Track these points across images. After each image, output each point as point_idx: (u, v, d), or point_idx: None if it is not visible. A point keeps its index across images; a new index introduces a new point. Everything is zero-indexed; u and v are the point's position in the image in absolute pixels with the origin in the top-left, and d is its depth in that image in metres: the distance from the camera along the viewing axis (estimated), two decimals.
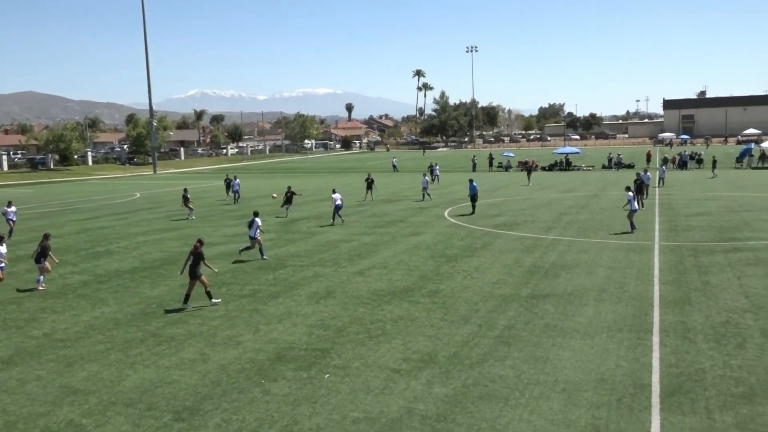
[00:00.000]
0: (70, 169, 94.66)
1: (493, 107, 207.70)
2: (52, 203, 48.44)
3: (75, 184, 73.36)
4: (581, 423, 9.41)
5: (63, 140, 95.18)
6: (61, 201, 50.32)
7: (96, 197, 52.58)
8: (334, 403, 10.41)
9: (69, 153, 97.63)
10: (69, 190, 61.95)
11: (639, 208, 30.81)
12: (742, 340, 12.72)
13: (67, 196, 54.52)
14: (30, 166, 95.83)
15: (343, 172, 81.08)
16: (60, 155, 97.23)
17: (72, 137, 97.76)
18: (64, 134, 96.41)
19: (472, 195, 33.95)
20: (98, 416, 10.23)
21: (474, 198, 34.07)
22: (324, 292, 17.75)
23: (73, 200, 50.68)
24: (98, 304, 17.42)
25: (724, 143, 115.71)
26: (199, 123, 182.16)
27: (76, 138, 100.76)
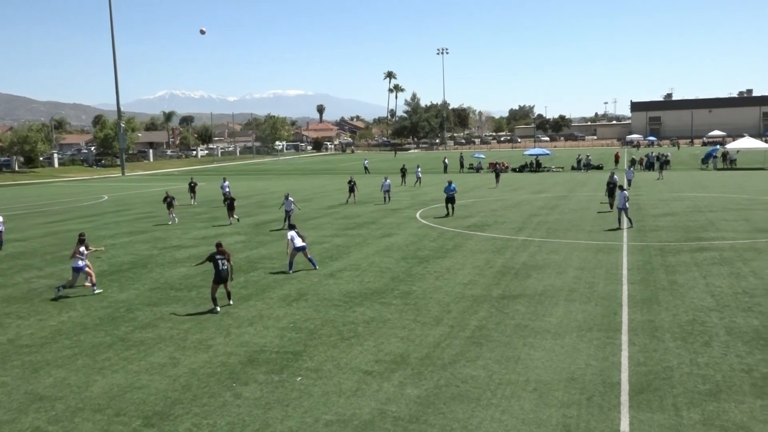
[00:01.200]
0: (35, 171, 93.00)
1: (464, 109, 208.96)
2: (17, 206, 47.48)
3: (41, 186, 72.05)
4: (552, 422, 9.49)
5: (28, 142, 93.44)
6: (26, 204, 49.36)
7: (62, 200, 51.70)
8: (307, 406, 10.36)
9: (34, 155, 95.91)
10: (35, 193, 60.81)
11: (612, 209, 31.25)
12: (708, 339, 12.95)
13: (32, 199, 53.51)
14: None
15: (314, 173, 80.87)
16: (25, 157, 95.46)
17: (37, 139, 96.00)
18: (30, 136, 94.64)
19: (450, 196, 32.74)
20: (65, 423, 10.04)
21: (450, 200, 32.81)
22: (296, 295, 17.66)
23: (39, 203, 49.76)
24: (65, 308, 17.11)
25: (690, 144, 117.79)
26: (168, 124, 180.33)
27: (42, 139, 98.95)
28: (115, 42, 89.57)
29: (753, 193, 39.98)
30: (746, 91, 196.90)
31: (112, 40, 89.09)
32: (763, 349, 12.23)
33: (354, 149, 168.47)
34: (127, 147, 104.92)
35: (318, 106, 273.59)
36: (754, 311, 14.69)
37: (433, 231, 28.30)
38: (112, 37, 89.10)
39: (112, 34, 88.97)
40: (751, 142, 71.53)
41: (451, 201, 32.75)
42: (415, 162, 72.36)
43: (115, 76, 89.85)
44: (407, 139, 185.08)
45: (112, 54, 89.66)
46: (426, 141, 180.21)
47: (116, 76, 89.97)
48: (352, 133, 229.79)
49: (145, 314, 16.24)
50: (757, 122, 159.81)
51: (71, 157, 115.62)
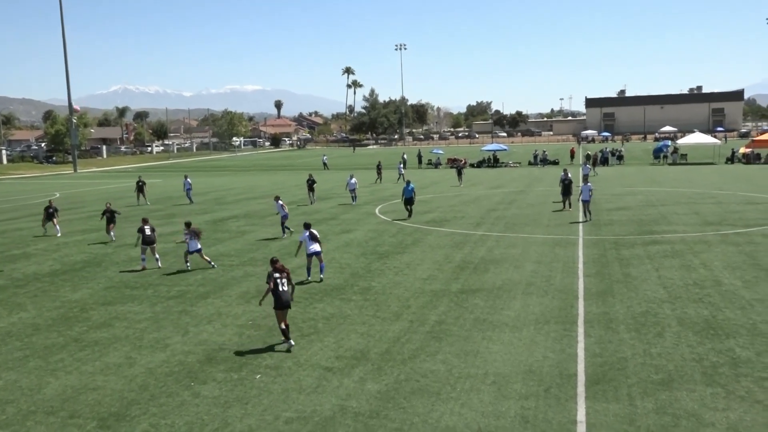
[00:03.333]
0: None
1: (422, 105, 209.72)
2: None
3: None
4: (511, 414, 9.61)
5: None
6: None
7: (12, 197, 50.26)
8: (266, 404, 10.29)
9: None
10: None
11: (566, 208, 31.60)
12: (660, 329, 13.27)
13: None
14: None
15: (273, 170, 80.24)
16: None
17: None
18: None
19: (408, 198, 30.53)
20: (17, 426, 9.78)
21: (409, 201, 30.55)
22: (255, 292, 17.50)
23: None
24: (15, 309, 16.64)
25: (643, 140, 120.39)
26: (122, 120, 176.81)
27: None
28: (65, 34, 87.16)
29: (703, 187, 41.10)
30: (696, 88, 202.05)
31: (62, 32, 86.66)
32: (712, 339, 12.59)
33: (298, 144, 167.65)
34: (80, 143, 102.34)
35: (276, 101, 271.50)
36: (704, 302, 15.11)
37: (392, 227, 28.36)
38: (63, 29, 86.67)
39: (62, 26, 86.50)
40: (701, 138, 73.50)
41: (409, 203, 30.67)
42: (378, 158, 72.18)
43: (66, 70, 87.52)
44: (366, 135, 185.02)
45: (62, 47, 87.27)
46: (385, 137, 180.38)
47: (67, 70, 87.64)
48: (310, 128, 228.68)
49: (100, 314, 15.90)
50: (707, 118, 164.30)
51: (21, 153, 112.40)
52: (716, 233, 24.06)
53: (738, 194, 36.61)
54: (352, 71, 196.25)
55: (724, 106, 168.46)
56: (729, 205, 31.84)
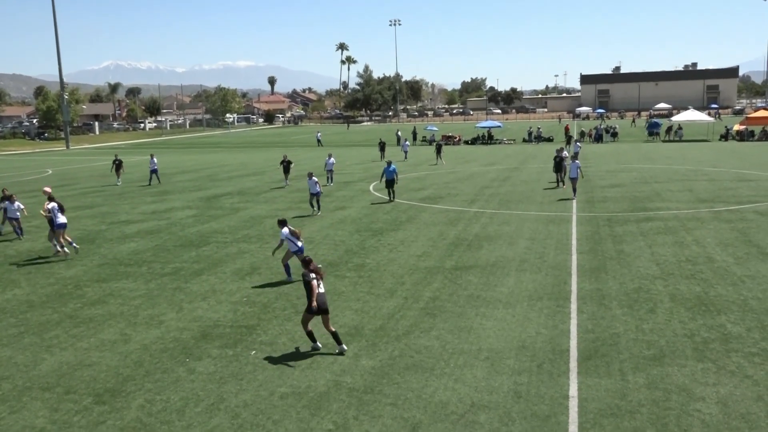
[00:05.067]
0: None
1: (416, 81, 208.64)
2: None
3: None
4: (504, 389, 9.71)
5: None
6: None
7: (4, 174, 49.94)
8: (261, 380, 10.35)
9: None
10: None
11: (559, 186, 31.63)
12: (653, 305, 13.37)
13: None
14: None
15: (266, 146, 79.89)
16: None
17: None
18: None
19: (389, 180, 28.69)
20: (13, 402, 9.82)
21: (390, 183, 28.76)
22: (249, 269, 17.53)
23: None
24: (9, 285, 16.63)
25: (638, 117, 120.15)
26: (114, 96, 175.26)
27: None
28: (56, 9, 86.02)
29: (696, 164, 41.16)
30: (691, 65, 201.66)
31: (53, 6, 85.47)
32: (704, 315, 12.70)
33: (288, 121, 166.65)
34: (72, 119, 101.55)
35: (269, 77, 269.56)
36: (697, 278, 15.22)
37: (386, 204, 28.34)
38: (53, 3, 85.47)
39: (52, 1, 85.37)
40: (696, 115, 73.43)
41: (390, 185, 28.81)
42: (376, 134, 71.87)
43: (57, 45, 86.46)
44: (360, 112, 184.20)
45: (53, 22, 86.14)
46: (379, 113, 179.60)
47: (58, 45, 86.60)
48: (304, 105, 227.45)
49: (94, 291, 15.91)
50: (701, 95, 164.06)
51: (12, 130, 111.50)
52: (709, 210, 24.16)
53: (731, 171, 36.70)
54: (346, 47, 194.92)
55: (719, 83, 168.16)
56: (722, 183, 31.93)
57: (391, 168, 28.87)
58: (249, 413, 9.22)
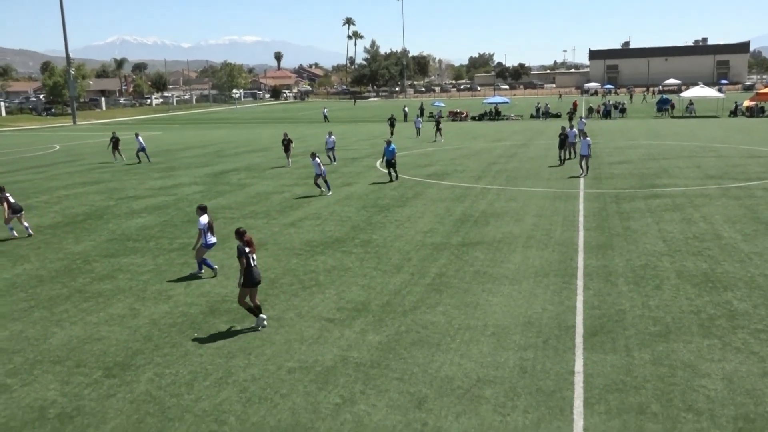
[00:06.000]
0: None
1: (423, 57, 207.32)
2: None
3: None
4: (509, 364, 9.77)
5: None
6: None
7: (11, 150, 50.07)
8: (269, 354, 10.45)
9: None
10: None
11: (560, 164, 31.25)
12: (659, 282, 13.38)
13: None
14: None
15: (273, 122, 79.72)
16: None
17: None
18: None
19: (389, 160, 27.77)
20: (24, 375, 9.96)
21: (390, 163, 27.82)
22: (256, 244, 17.57)
23: None
24: (19, 260, 16.76)
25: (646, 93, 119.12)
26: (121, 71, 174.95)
27: None
28: None
29: (705, 141, 40.88)
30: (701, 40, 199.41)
31: None
32: (710, 292, 12.70)
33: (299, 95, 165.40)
34: (78, 95, 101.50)
35: (276, 53, 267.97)
36: (704, 255, 15.19)
37: (391, 181, 28.30)
38: None
39: None
40: (705, 91, 72.76)
41: (391, 165, 27.89)
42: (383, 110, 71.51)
43: (63, 19, 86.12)
44: (367, 87, 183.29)
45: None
46: (386, 89, 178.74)
47: (64, 20, 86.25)
48: (311, 81, 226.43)
49: (103, 266, 16.02)
50: (711, 71, 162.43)
51: (19, 105, 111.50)
52: (717, 187, 24.04)
53: (740, 148, 36.44)
54: (353, 22, 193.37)
55: (729, 59, 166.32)
56: (731, 159, 31.73)
57: (391, 147, 27.76)
58: (257, 387, 9.32)
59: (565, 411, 8.40)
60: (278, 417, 8.47)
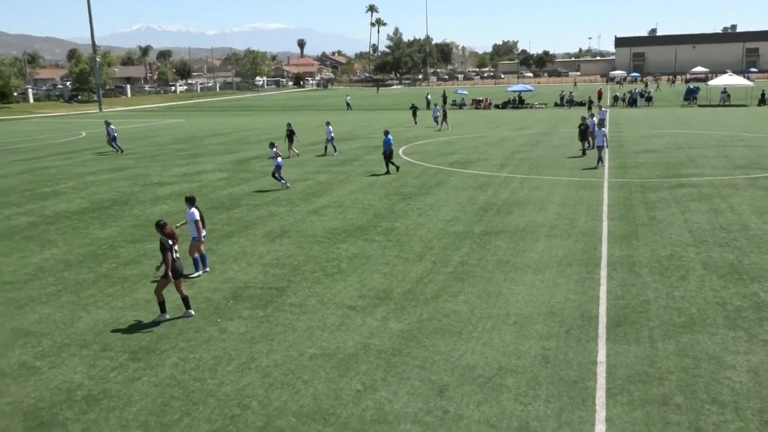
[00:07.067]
0: (9, 107, 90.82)
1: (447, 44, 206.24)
2: None
3: (16, 122, 70.58)
4: (531, 353, 9.74)
5: (1, 76, 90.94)
6: (1, 140, 48.44)
7: (39, 136, 50.77)
8: (291, 340, 10.52)
9: (8, 90, 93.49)
10: (10, 129, 59.60)
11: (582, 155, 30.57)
12: (684, 273, 13.23)
13: (7, 135, 52.49)
14: None
15: (295, 110, 79.90)
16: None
17: (10, 73, 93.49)
18: (2, 70, 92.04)
19: (385, 151, 26.62)
20: (52, 358, 10.14)
21: (387, 155, 26.70)
22: (279, 231, 17.70)
23: (15, 139, 48.85)
24: (47, 245, 17.04)
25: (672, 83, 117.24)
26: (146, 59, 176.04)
27: (15, 74, 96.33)
28: None
29: (733, 130, 40.21)
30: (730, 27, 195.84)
31: None
32: (737, 283, 12.53)
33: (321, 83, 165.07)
34: (104, 82, 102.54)
35: (299, 40, 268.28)
36: (730, 246, 14.99)
37: (415, 168, 28.27)
38: None
39: None
40: (734, 79, 71.46)
41: (387, 157, 26.72)
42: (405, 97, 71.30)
43: (89, 7, 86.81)
44: (390, 75, 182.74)
45: None
46: (409, 77, 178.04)
47: (90, 8, 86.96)
48: (333, 68, 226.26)
49: (128, 251, 16.23)
50: (740, 59, 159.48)
51: (46, 92, 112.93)
52: (745, 177, 23.66)
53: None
54: (376, 9, 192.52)
55: (759, 46, 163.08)
56: (759, 149, 31.18)
57: (387, 138, 26.39)
58: (279, 373, 9.40)
59: (587, 401, 8.36)
60: (300, 402, 8.54)
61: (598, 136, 27.16)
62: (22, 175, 29.91)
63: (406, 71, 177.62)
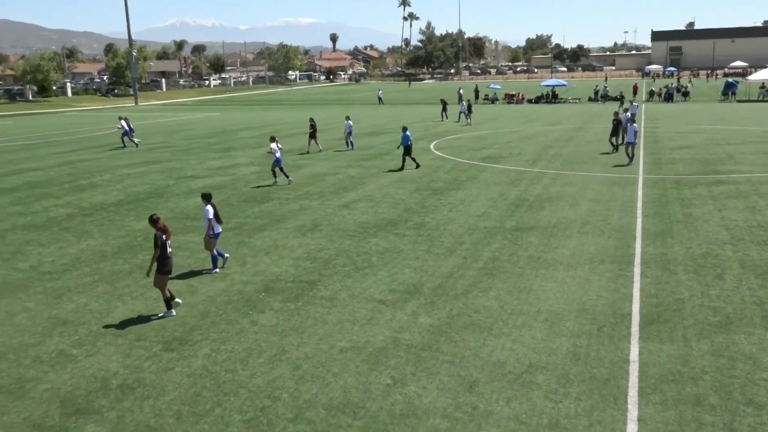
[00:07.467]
0: (49, 100, 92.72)
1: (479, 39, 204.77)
2: (33, 135, 47.65)
3: (55, 115, 72.02)
4: (562, 351, 9.67)
5: (41, 71, 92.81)
6: (41, 133, 49.50)
7: (77, 129, 51.75)
8: (322, 333, 10.60)
9: (47, 84, 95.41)
10: (49, 122, 60.86)
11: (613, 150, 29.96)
12: (720, 271, 13.00)
13: (47, 128, 53.61)
14: (8, 97, 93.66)
15: (327, 104, 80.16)
16: (38, 86, 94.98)
17: (50, 67, 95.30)
18: (42, 64, 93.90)
19: (406, 147, 26.42)
20: (88, 346, 10.37)
21: (408, 150, 26.49)
22: (310, 225, 17.81)
23: (54, 132, 49.87)
24: (84, 236, 17.39)
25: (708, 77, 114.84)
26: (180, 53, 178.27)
27: (54, 68, 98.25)
28: None
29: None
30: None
31: None
32: None
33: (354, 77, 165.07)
34: (140, 76, 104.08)
35: (331, 35, 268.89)
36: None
37: (447, 162, 28.19)
38: None
39: None
40: None
41: (408, 152, 26.58)
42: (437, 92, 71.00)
43: (125, 2, 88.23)
44: (422, 69, 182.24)
45: None
46: (441, 71, 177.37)
47: (126, 3, 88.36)
48: (365, 62, 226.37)
49: None
50: None
51: (84, 86, 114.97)
52: None
53: None
54: (408, 3, 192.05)
55: None
56: None
57: (406, 134, 26.37)
58: (309, 365, 9.48)
59: (618, 400, 8.28)
60: (330, 395, 8.60)
61: (629, 132, 26.55)
62: (60, 167, 30.54)
63: (438, 65, 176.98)
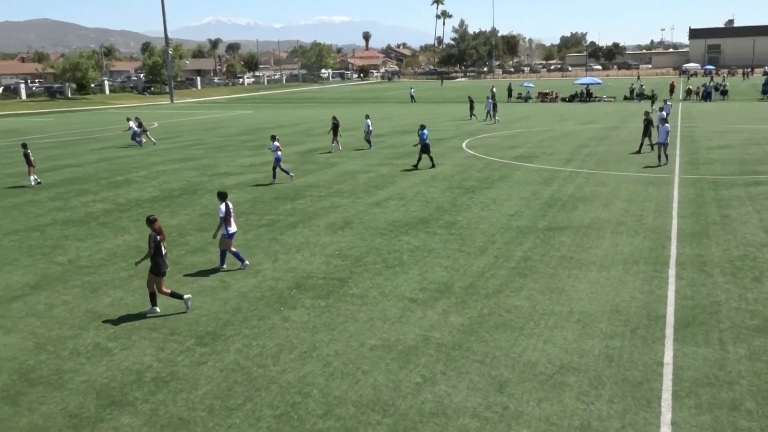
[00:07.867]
0: (87, 98, 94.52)
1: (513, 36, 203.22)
2: (72, 132, 48.66)
3: (93, 113, 73.40)
4: (595, 352, 9.56)
5: (79, 69, 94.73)
6: (80, 130, 50.51)
7: (114, 126, 52.64)
8: (352, 331, 10.64)
9: (86, 82, 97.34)
10: (87, 120, 62.05)
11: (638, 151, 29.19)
12: (759, 274, 12.72)
13: (86, 126, 54.67)
14: (48, 95, 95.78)
15: (360, 102, 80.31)
16: (77, 84, 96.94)
17: (88, 65, 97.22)
18: (81, 62, 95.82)
19: (424, 145, 26.27)
20: (124, 340, 10.56)
21: (425, 149, 26.36)
22: (342, 223, 17.88)
23: (93, 129, 50.86)
24: (120, 232, 17.70)
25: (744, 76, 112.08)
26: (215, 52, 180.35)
27: (93, 66, 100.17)
28: None
29: None
30: None
31: None
32: None
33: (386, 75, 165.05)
34: (175, 74, 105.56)
35: (364, 33, 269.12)
36: None
37: (479, 161, 28.06)
38: None
39: None
40: None
41: (426, 150, 26.43)
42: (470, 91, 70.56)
43: (162, 1, 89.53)
44: (454, 68, 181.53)
45: None
46: (474, 69, 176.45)
47: (163, 2, 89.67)
48: (398, 61, 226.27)
49: (196, 239, 16.69)
50: None
51: (121, 84, 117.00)
52: None
53: None
54: (441, 1, 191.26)
55: None
56: None
57: (423, 133, 26.22)
58: (340, 362, 9.52)
59: (652, 403, 8.16)
60: (360, 392, 8.63)
61: (660, 132, 25.95)
62: (98, 163, 31.13)
63: (471, 64, 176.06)
